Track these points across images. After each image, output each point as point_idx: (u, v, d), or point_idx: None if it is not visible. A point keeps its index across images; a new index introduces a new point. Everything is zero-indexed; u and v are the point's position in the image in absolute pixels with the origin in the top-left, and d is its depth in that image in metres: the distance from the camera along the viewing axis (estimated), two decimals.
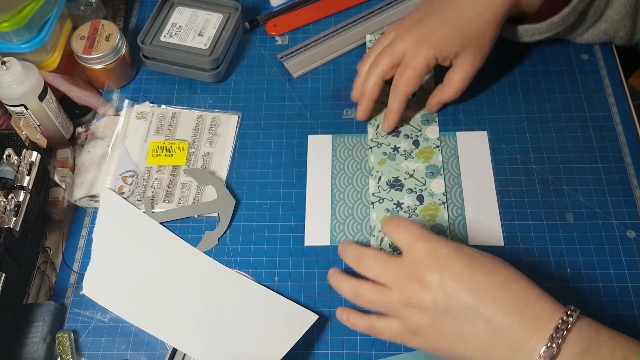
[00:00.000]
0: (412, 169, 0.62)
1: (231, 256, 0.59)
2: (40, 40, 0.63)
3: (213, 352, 0.53)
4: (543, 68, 0.68)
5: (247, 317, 0.55)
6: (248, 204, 0.62)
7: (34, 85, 0.59)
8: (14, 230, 0.54)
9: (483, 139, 0.64)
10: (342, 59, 0.71)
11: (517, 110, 0.66)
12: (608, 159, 0.62)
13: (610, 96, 0.66)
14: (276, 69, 0.71)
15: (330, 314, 0.56)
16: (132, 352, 0.55)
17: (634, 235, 0.58)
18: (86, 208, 0.63)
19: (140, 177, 0.63)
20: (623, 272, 0.56)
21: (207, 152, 0.65)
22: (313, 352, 0.54)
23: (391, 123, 0.63)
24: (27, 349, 0.53)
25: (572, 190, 0.60)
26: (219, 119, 0.67)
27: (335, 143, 0.65)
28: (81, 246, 0.61)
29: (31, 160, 0.58)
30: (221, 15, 0.71)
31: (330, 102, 0.68)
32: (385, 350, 0.53)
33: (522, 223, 0.59)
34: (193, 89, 0.70)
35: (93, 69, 0.67)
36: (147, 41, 0.69)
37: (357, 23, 0.73)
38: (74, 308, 0.57)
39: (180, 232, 0.60)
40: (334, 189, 0.62)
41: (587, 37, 0.66)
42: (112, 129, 0.67)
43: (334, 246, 0.59)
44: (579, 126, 0.64)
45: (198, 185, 0.63)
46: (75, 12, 0.71)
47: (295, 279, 0.58)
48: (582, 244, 0.58)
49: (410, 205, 0.60)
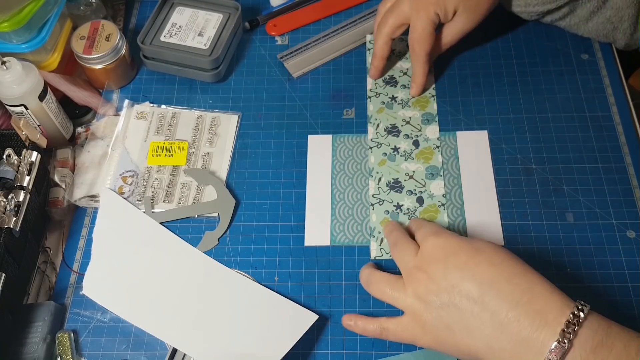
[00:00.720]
0: (412, 170, 0.62)
1: (231, 256, 0.59)
2: (40, 40, 0.63)
3: (213, 352, 0.53)
4: (543, 68, 0.68)
5: (247, 317, 0.55)
6: (248, 204, 0.62)
7: (34, 85, 0.59)
8: (14, 230, 0.54)
9: (483, 138, 0.64)
10: (342, 59, 0.71)
11: (517, 110, 0.66)
12: (608, 159, 0.62)
13: (610, 96, 0.66)
14: (276, 69, 0.71)
15: (330, 314, 0.56)
16: (132, 352, 0.55)
17: (634, 235, 0.58)
18: (86, 208, 0.63)
19: (140, 177, 0.63)
20: (623, 272, 0.56)
21: (207, 152, 0.65)
22: (313, 352, 0.54)
23: (419, 86, 0.66)
24: (27, 349, 0.53)
25: (572, 190, 0.61)
26: (219, 119, 0.67)
27: (335, 143, 0.65)
28: (81, 246, 0.61)
29: (31, 160, 0.58)
30: (221, 15, 0.71)
31: (330, 102, 0.68)
32: (385, 350, 0.53)
33: (522, 223, 0.59)
34: (193, 89, 0.70)
35: (93, 69, 0.67)
36: (147, 41, 0.69)
37: (357, 23, 0.73)
38: (74, 308, 0.57)
39: (180, 232, 0.60)
40: (334, 189, 0.62)
41: (592, 26, 0.65)
42: (112, 129, 0.67)
43: (334, 246, 0.59)
44: (579, 126, 0.64)
45: (198, 185, 0.63)
46: (75, 12, 0.71)
47: (295, 279, 0.58)
48: (582, 244, 0.58)
49: (410, 207, 0.60)
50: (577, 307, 0.42)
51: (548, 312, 0.42)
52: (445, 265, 0.47)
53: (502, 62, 0.69)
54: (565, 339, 0.41)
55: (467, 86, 0.68)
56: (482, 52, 0.70)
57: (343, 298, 0.56)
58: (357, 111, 0.67)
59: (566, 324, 0.41)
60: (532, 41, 0.70)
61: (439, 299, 0.46)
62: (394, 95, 0.67)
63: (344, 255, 0.58)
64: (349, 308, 0.55)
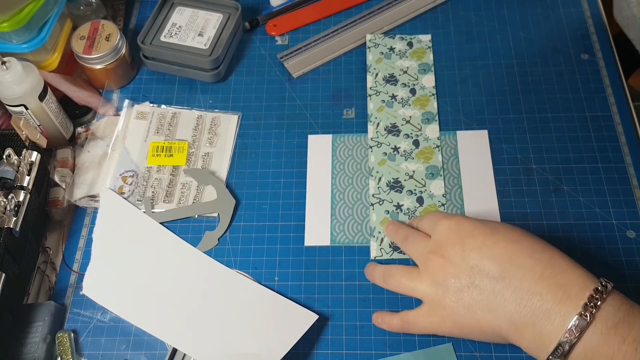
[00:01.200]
0: (412, 170, 0.62)
1: (231, 256, 0.59)
2: (40, 40, 0.63)
3: (213, 352, 0.53)
4: (543, 68, 0.68)
5: (247, 317, 0.55)
6: (248, 204, 0.62)
7: (34, 85, 0.59)
8: (14, 230, 0.54)
9: (483, 138, 0.64)
10: (342, 59, 0.71)
11: (517, 110, 0.66)
12: (608, 159, 0.62)
13: (610, 96, 0.66)
14: (276, 69, 0.71)
15: (330, 314, 0.56)
16: (132, 352, 0.55)
17: (634, 235, 0.58)
18: (86, 208, 0.63)
19: (140, 177, 0.63)
20: (623, 272, 0.56)
21: (207, 152, 0.65)
22: (313, 352, 0.54)
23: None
24: (27, 349, 0.53)
25: (572, 190, 0.60)
26: (219, 119, 0.67)
27: (335, 143, 0.65)
28: (81, 246, 0.61)
29: (31, 160, 0.58)
30: (221, 15, 0.71)
31: (330, 102, 0.68)
32: (385, 350, 0.53)
33: (522, 223, 0.59)
34: (193, 89, 0.70)
35: (93, 69, 0.67)
36: (147, 41, 0.69)
37: (357, 23, 0.73)
38: (74, 308, 0.57)
39: (180, 232, 0.60)
40: (334, 189, 0.62)
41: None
42: (112, 129, 0.67)
43: (334, 246, 0.59)
44: (579, 126, 0.64)
45: (198, 185, 0.63)
46: (75, 12, 0.71)
47: (295, 279, 0.58)
48: (582, 244, 0.57)
49: (410, 207, 0.60)
50: (601, 283, 0.42)
51: (571, 286, 0.42)
52: (463, 247, 0.47)
53: (502, 62, 0.69)
54: (587, 313, 0.41)
55: (467, 86, 0.68)
56: (482, 52, 0.70)
57: (343, 298, 0.56)
58: (357, 111, 0.67)
59: (589, 297, 0.41)
60: (532, 41, 0.70)
61: (458, 282, 0.46)
62: (394, 93, 0.67)
63: (344, 255, 0.58)
64: (349, 308, 0.55)
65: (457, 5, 0.74)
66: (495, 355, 0.52)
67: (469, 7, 0.74)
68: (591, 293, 0.42)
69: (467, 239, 0.47)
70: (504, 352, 0.52)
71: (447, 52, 0.70)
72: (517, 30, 0.71)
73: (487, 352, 0.52)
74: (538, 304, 0.43)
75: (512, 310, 0.44)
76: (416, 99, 0.67)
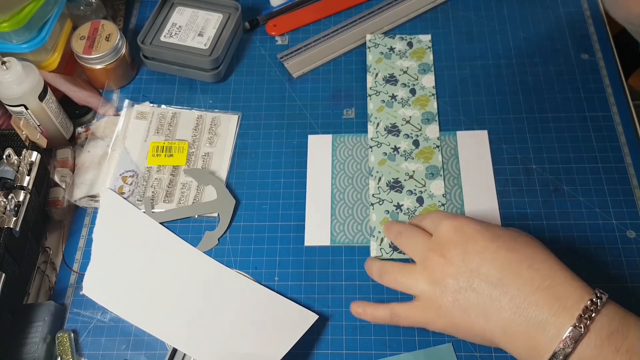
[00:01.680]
0: (412, 170, 0.62)
1: (231, 256, 0.59)
2: (40, 40, 0.63)
3: (213, 352, 0.53)
4: (543, 68, 0.68)
5: (247, 317, 0.55)
6: (248, 204, 0.62)
7: (34, 85, 0.59)
8: (14, 230, 0.54)
9: (483, 138, 0.64)
10: (342, 59, 0.71)
11: (517, 110, 0.66)
12: (608, 159, 0.62)
13: (610, 96, 0.66)
14: (276, 69, 0.71)
15: (330, 314, 0.56)
16: (132, 352, 0.55)
17: (634, 235, 0.58)
18: (86, 208, 0.63)
19: (140, 177, 0.63)
20: (623, 272, 0.56)
21: (207, 152, 0.65)
22: (313, 352, 0.54)
23: None
24: (27, 349, 0.53)
25: (572, 190, 0.60)
26: (219, 119, 0.67)
27: (335, 143, 0.65)
28: (81, 246, 0.61)
29: (31, 160, 0.58)
30: (221, 15, 0.71)
31: (330, 102, 0.68)
32: (385, 350, 0.53)
33: (522, 223, 0.59)
34: (193, 89, 0.70)
35: (93, 69, 0.67)
36: (147, 41, 0.69)
37: (357, 23, 0.73)
38: (74, 308, 0.57)
39: (180, 232, 0.60)
40: (334, 189, 0.62)
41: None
42: (112, 129, 0.67)
43: (334, 246, 0.59)
44: (579, 126, 0.64)
45: (198, 185, 0.63)
46: (75, 12, 0.71)
47: (295, 279, 0.58)
48: (582, 244, 0.57)
49: (410, 207, 0.60)
50: (596, 295, 0.43)
51: (567, 298, 0.43)
52: (465, 249, 0.47)
53: (502, 62, 0.69)
54: (582, 324, 0.41)
55: (467, 86, 0.68)
56: (482, 52, 0.70)
57: (343, 298, 0.56)
58: (357, 111, 0.67)
59: (584, 309, 0.42)
60: (532, 41, 0.70)
61: (456, 283, 0.46)
62: (394, 93, 0.67)
63: (344, 255, 0.58)
64: (349, 308, 0.55)
65: (457, 5, 0.74)
66: (495, 356, 0.52)
67: (469, 7, 0.74)
68: (586, 305, 0.42)
69: (470, 242, 0.47)
70: (504, 352, 0.52)
71: (447, 52, 0.70)
72: (517, 30, 0.71)
73: (487, 352, 0.52)
74: (534, 314, 0.43)
75: (507, 318, 0.44)
76: (416, 99, 0.67)
